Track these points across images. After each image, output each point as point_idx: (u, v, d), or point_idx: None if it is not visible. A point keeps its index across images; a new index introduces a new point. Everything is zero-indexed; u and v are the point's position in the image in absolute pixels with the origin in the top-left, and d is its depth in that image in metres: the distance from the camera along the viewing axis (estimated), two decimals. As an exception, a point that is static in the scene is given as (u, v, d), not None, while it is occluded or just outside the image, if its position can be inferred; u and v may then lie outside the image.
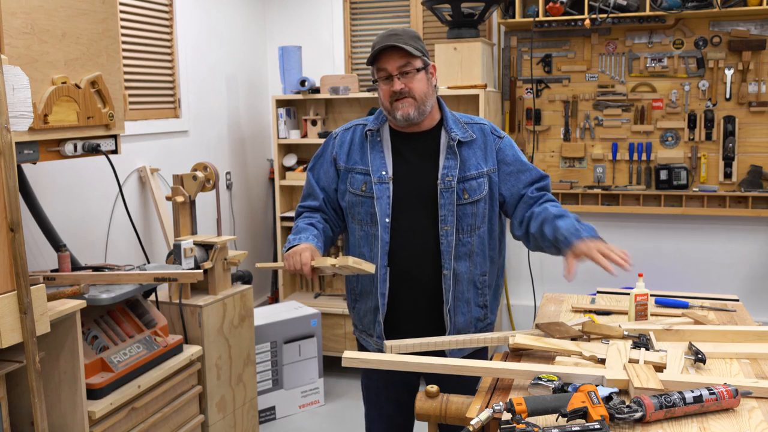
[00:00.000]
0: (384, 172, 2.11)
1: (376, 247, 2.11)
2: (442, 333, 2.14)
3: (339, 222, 2.26)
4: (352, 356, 1.85)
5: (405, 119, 2.07)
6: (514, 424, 1.41)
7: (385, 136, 2.16)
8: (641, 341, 1.88)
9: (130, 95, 3.40)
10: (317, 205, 2.23)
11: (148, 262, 2.97)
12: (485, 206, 2.14)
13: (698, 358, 1.80)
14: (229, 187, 4.26)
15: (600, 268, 1.94)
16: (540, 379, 1.66)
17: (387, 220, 2.09)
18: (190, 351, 2.78)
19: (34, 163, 2.27)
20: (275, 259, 4.49)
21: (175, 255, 2.84)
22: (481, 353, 2.25)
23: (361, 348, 2.30)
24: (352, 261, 1.93)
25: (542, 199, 2.14)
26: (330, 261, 1.96)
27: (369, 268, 1.95)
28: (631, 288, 2.22)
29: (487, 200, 2.14)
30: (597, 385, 1.59)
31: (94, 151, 2.38)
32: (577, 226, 2.00)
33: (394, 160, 2.13)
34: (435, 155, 2.13)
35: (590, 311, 2.38)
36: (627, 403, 1.52)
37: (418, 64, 2.06)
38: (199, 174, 3.09)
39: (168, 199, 3.09)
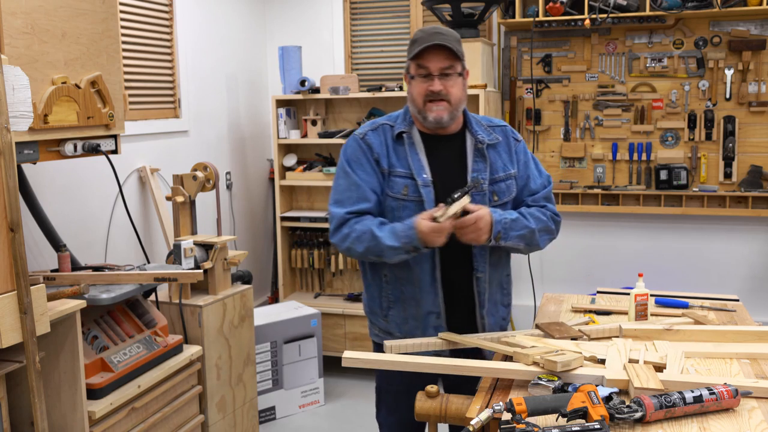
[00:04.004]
0: (425, 175, 2.06)
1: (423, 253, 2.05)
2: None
3: None
4: (352, 356, 1.85)
5: (437, 122, 2.04)
6: (514, 424, 1.41)
7: (416, 138, 2.11)
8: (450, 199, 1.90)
9: (130, 95, 3.40)
10: (368, 208, 2.07)
11: (148, 262, 2.97)
12: (511, 208, 2.15)
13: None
14: (229, 187, 4.26)
15: (600, 269, 1.97)
16: (540, 379, 1.66)
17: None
18: (190, 351, 2.78)
19: (34, 163, 2.27)
20: (275, 260, 4.48)
21: (175, 255, 2.84)
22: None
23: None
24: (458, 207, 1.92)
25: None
26: (452, 210, 1.91)
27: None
28: (631, 288, 2.22)
29: (512, 201, 2.15)
30: (597, 385, 1.59)
31: (94, 151, 2.38)
32: (507, 215, 2.02)
33: (429, 163, 2.09)
34: (462, 158, 2.11)
35: (590, 311, 2.38)
36: (627, 403, 1.52)
37: (459, 68, 2.04)
38: (199, 174, 3.09)
39: (168, 199, 3.09)
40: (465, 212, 1.94)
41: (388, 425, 2.30)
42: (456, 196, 1.91)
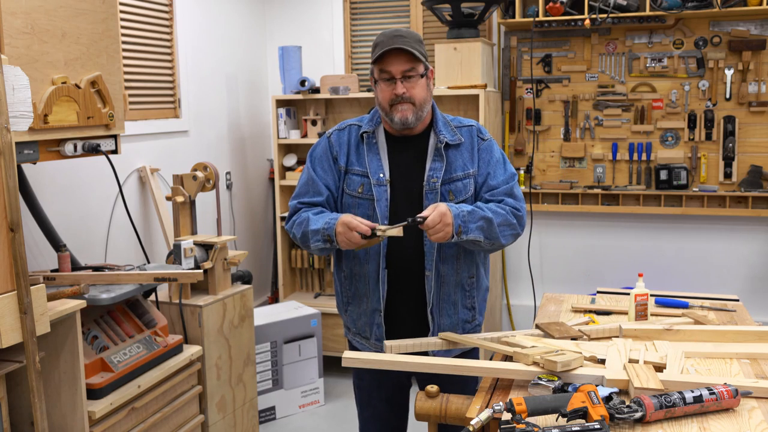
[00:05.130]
0: (381, 175, 2.11)
1: (372, 249, 2.10)
2: (427, 335, 2.13)
3: None
4: (352, 356, 1.85)
5: (403, 123, 2.07)
6: (514, 424, 1.41)
7: (380, 138, 2.16)
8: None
9: (130, 95, 3.40)
10: (320, 201, 2.16)
11: (148, 262, 2.97)
12: None
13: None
14: (229, 187, 4.26)
15: (600, 269, 1.95)
16: (540, 379, 1.66)
17: (386, 222, 2.08)
18: (190, 351, 2.78)
19: (34, 163, 2.27)
20: (275, 260, 4.49)
21: (175, 255, 2.84)
22: (471, 353, 2.25)
23: (354, 350, 2.28)
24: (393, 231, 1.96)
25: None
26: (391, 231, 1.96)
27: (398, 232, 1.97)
28: (631, 288, 2.22)
29: (472, 201, 2.14)
30: (597, 385, 1.59)
31: (94, 151, 2.38)
32: (464, 208, 2.00)
33: (389, 163, 2.13)
34: (423, 158, 2.13)
35: (590, 311, 2.38)
36: (627, 403, 1.52)
37: (422, 69, 2.06)
38: (199, 174, 3.09)
39: (168, 199, 3.09)
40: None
41: (363, 419, 2.36)
42: (406, 222, 1.95)
